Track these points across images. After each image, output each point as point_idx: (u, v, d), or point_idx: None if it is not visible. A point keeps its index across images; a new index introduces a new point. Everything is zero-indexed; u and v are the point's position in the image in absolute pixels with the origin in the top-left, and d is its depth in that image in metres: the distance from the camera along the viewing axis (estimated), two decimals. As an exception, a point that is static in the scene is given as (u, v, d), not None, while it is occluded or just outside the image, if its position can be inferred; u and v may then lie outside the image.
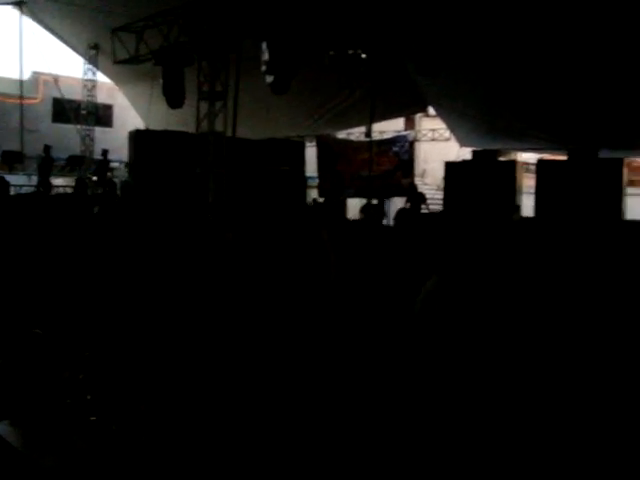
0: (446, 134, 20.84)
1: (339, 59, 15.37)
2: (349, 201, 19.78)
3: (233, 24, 12.88)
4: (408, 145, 20.27)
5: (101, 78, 21.99)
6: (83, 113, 22.11)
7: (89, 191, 18.11)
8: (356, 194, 19.50)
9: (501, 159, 17.82)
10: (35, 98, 24.46)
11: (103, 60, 19.45)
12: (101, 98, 23.15)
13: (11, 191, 14.32)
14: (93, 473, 3.58)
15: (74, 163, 21.15)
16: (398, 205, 18.06)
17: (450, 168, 17.66)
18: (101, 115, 24.13)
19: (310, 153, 20.26)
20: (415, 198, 16.96)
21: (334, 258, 6.12)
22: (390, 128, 22.10)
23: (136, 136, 16.18)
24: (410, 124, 25.75)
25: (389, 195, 19.78)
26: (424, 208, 17.01)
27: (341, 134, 22.96)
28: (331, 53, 15.22)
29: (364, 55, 15.33)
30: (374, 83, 15.66)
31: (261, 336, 6.15)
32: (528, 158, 20.13)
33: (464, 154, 18.13)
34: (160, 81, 13.99)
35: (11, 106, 22.77)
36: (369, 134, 19.80)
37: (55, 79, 22.56)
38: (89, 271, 9.09)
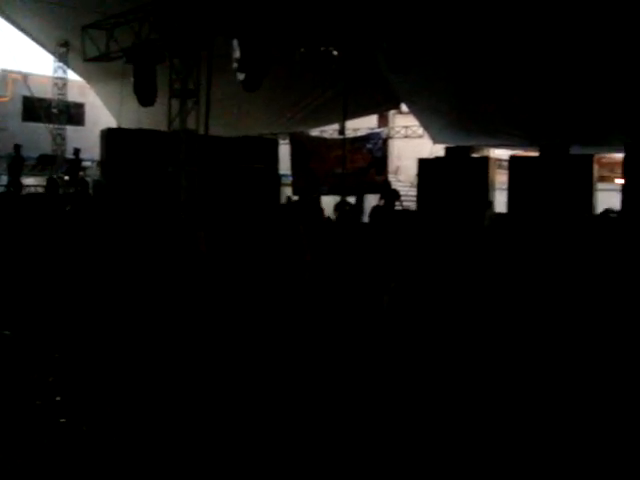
0: (419, 131, 20.88)
1: (311, 56, 15.35)
2: (323, 199, 19.75)
3: (204, 21, 12.79)
4: (381, 142, 20.30)
5: (72, 76, 21.74)
6: (54, 112, 21.83)
7: (61, 190, 17.92)
8: (330, 191, 19.48)
9: (474, 156, 17.91)
10: (4, 97, 24.10)
11: (73, 58, 19.23)
12: (72, 96, 22.87)
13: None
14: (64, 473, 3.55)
15: (45, 162, 20.89)
16: (372, 202, 18.11)
17: (423, 165, 17.74)
18: (72, 114, 23.83)
19: (283, 151, 20.20)
20: (389, 195, 17.02)
21: (309, 252, 6.13)
22: (363, 125, 22.07)
23: (108, 135, 16.03)
24: (383, 121, 25.77)
25: (363, 192, 19.79)
26: (398, 205, 17.07)
27: (314, 132, 22.93)
28: (302, 50, 15.19)
29: (335, 52, 15.32)
30: (347, 81, 15.67)
31: (236, 329, 6.14)
32: (501, 154, 20.25)
33: (437, 151, 18.19)
34: (131, 79, 13.87)
35: (-20, 105, 22.51)
36: (342, 131, 19.80)
37: (24, 77, 22.27)
38: (60, 271, 9.00)
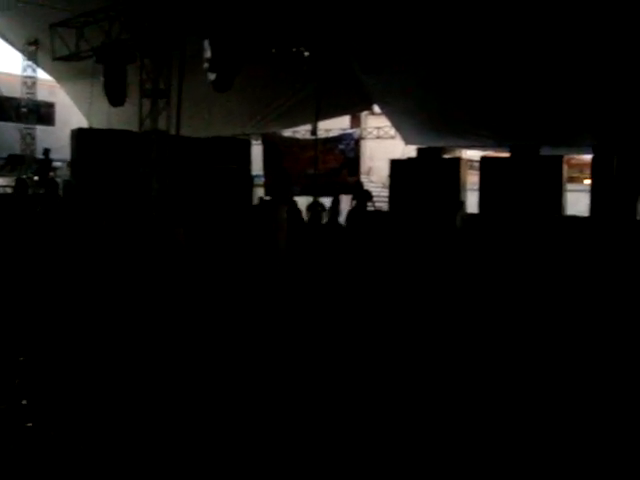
0: (391, 132, 20.93)
1: (283, 57, 15.32)
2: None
3: (175, 21, 12.72)
4: (354, 143, 20.35)
5: (42, 75, 21.50)
6: (23, 111, 21.57)
7: (30, 191, 17.71)
8: (302, 192, 19.47)
9: (446, 156, 17.99)
10: (-28, 96, 23.79)
11: (43, 56, 19.00)
12: (42, 96, 22.63)
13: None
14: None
15: (14, 162, 20.65)
16: (344, 203, 18.10)
17: (395, 166, 17.79)
18: (42, 113, 23.58)
19: (256, 151, 20.16)
20: (361, 196, 17.04)
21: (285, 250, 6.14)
22: (336, 126, 22.08)
23: (78, 135, 15.86)
24: (356, 122, 25.81)
25: (335, 193, 19.76)
26: (370, 206, 17.09)
27: (287, 132, 22.90)
28: (274, 51, 15.16)
29: (307, 53, 15.30)
30: (319, 81, 15.66)
31: (218, 322, 6.12)
32: (472, 155, 20.36)
33: (409, 152, 18.25)
34: (101, 79, 13.76)
35: (-54, 104, 22.19)
36: (315, 132, 19.80)
37: (-8, 76, 22.05)
38: (29, 273, 8.89)
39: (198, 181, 15.60)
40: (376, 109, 20.67)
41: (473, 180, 17.40)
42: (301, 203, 18.52)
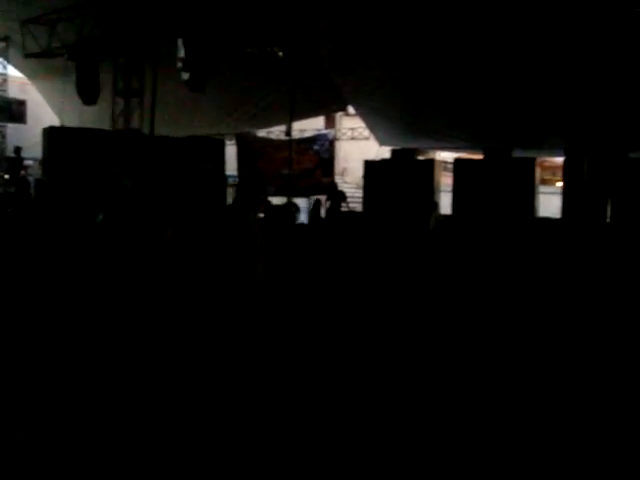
0: (366, 133, 21.00)
1: (257, 57, 15.29)
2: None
3: (148, 20, 12.65)
4: (328, 144, 20.37)
5: (13, 72, 21.26)
6: (-6, 108, 21.39)
7: (0, 190, 17.51)
8: (277, 192, 19.43)
9: (419, 158, 18.06)
10: (-59, 93, 23.43)
11: (14, 53, 18.76)
12: (13, 93, 22.39)
13: None
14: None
15: (-16, 160, 20.41)
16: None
17: (369, 166, 17.81)
18: (14, 111, 23.28)
19: (230, 151, 20.09)
20: (335, 196, 17.02)
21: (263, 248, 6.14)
22: (310, 127, 22.10)
23: (50, 133, 15.66)
24: (330, 123, 25.86)
25: (309, 193, 19.81)
26: (344, 206, 17.10)
27: (261, 132, 22.86)
28: (248, 51, 15.12)
29: (281, 53, 15.29)
30: (293, 82, 15.65)
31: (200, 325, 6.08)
32: (446, 157, 20.48)
33: (383, 153, 18.30)
34: (74, 76, 13.63)
35: None
36: (289, 133, 19.77)
37: (-38, 73, 21.73)
38: (5, 275, 8.77)
39: (172, 180, 15.49)
40: (351, 110, 20.72)
41: (447, 182, 17.48)
42: (276, 203, 18.50)
